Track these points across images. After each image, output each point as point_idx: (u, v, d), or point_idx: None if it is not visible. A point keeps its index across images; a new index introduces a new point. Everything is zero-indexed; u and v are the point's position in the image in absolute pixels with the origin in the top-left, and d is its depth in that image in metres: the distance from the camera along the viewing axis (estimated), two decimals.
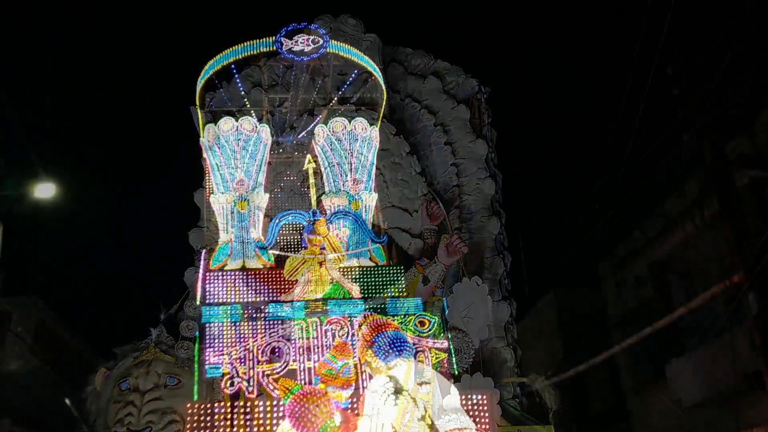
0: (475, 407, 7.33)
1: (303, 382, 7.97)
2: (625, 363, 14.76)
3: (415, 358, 6.29)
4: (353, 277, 10.47)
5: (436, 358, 7.69)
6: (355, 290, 10.14)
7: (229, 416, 7.92)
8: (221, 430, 7.88)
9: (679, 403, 12.37)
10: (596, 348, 11.01)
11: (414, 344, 7.48)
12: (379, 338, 5.50)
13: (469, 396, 7.43)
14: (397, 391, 5.41)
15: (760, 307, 6.83)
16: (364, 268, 10.77)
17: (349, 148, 12.04)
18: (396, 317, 8.81)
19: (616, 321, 15.10)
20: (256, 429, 7.73)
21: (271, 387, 7.77)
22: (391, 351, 5.50)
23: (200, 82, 12.71)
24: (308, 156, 11.49)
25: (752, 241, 7.17)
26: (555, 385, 13.09)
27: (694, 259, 12.19)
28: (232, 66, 12.30)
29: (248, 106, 12.98)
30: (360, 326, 5.73)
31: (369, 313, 5.98)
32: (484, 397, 7.64)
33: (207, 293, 10.28)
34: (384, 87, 12.70)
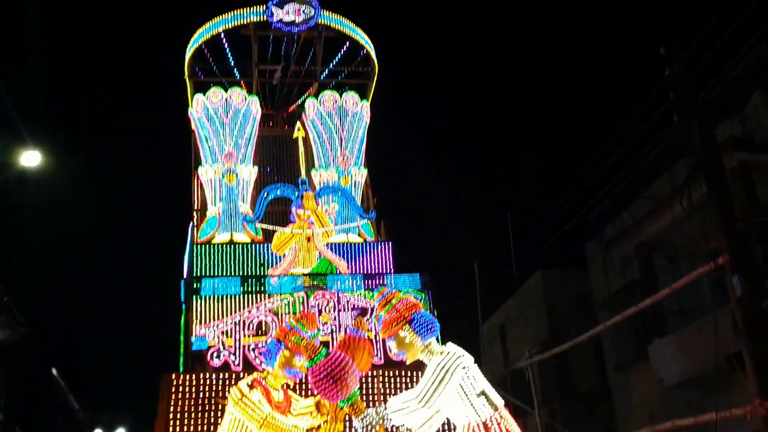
0: None
1: None
2: (609, 343, 14.88)
3: None
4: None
5: None
6: (343, 265, 10.16)
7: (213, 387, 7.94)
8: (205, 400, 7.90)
9: (661, 383, 12.51)
10: (581, 328, 11.07)
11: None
12: (418, 315, 5.58)
13: None
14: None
15: (743, 290, 6.87)
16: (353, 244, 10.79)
17: (339, 123, 11.98)
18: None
19: (602, 301, 15.19)
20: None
21: (260, 360, 7.77)
22: (429, 329, 5.58)
23: (189, 51, 12.55)
24: (297, 124, 11.43)
25: (738, 225, 7.17)
26: (540, 364, 13.25)
27: (681, 242, 12.24)
28: (222, 35, 12.16)
29: (238, 77, 12.86)
30: (387, 302, 5.72)
31: (390, 290, 5.97)
32: None
33: (194, 265, 10.27)
34: (376, 60, 12.60)
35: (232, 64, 13.10)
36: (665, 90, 8.28)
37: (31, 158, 11.75)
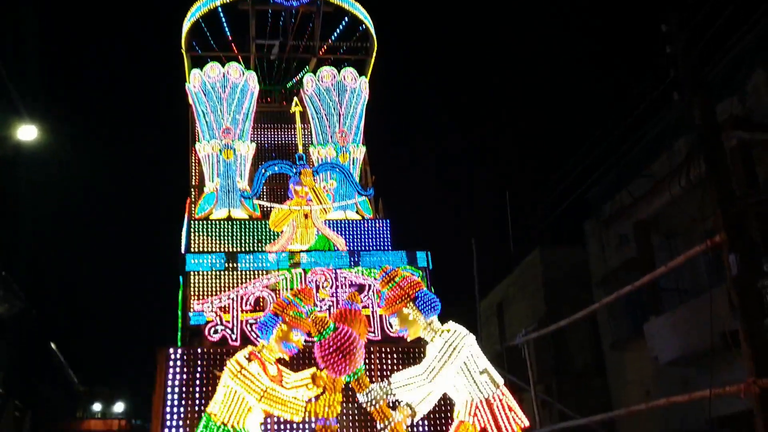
0: None
1: None
2: (606, 321, 14.96)
3: None
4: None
5: None
6: (341, 242, 10.16)
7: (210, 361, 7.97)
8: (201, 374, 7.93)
9: (656, 360, 12.60)
10: (578, 306, 11.11)
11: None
12: (422, 293, 5.68)
13: None
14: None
15: (740, 269, 6.88)
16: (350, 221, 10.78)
17: (337, 99, 11.91)
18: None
19: (599, 280, 15.24)
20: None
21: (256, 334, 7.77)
22: (432, 308, 5.71)
23: (186, 25, 12.43)
24: (295, 99, 11.35)
25: (736, 203, 7.17)
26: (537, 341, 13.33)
27: (679, 220, 12.25)
28: (219, 9, 12.04)
29: (235, 52, 12.76)
30: (391, 279, 5.75)
31: (394, 267, 6.00)
32: None
33: (191, 241, 10.26)
34: (375, 36, 12.49)
35: (230, 38, 13.00)
36: (666, 67, 8.22)
37: (27, 132, 11.71)
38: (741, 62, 11.17)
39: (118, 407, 37.76)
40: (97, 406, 37.23)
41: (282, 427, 7.73)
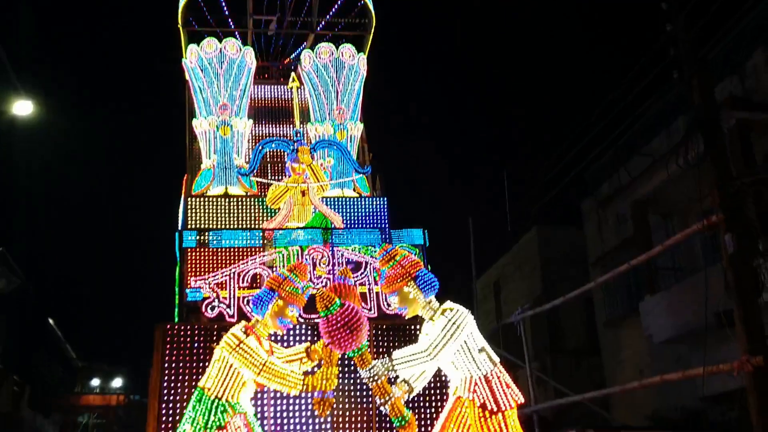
0: None
1: None
2: (601, 300, 15.04)
3: None
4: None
5: None
6: (337, 220, 10.15)
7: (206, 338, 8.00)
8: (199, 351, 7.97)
9: (650, 339, 12.69)
10: (574, 285, 11.16)
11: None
12: (422, 273, 5.76)
13: None
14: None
15: (735, 248, 6.90)
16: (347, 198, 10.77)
17: (335, 76, 11.83)
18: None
19: (596, 259, 15.29)
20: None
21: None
22: (432, 287, 5.79)
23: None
24: (292, 74, 11.27)
25: (734, 183, 7.17)
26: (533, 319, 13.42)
27: (676, 199, 12.26)
28: None
29: (232, 27, 12.66)
30: (391, 257, 5.79)
31: (393, 246, 6.03)
32: None
33: (188, 218, 10.25)
34: (373, 12, 12.39)
35: (227, 13, 12.88)
36: (666, 46, 8.17)
37: (23, 107, 11.64)
38: (741, 42, 11.11)
39: (117, 383, 38.01)
40: (95, 382, 37.47)
41: (278, 402, 7.78)
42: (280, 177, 10.83)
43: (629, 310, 13.78)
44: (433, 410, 7.94)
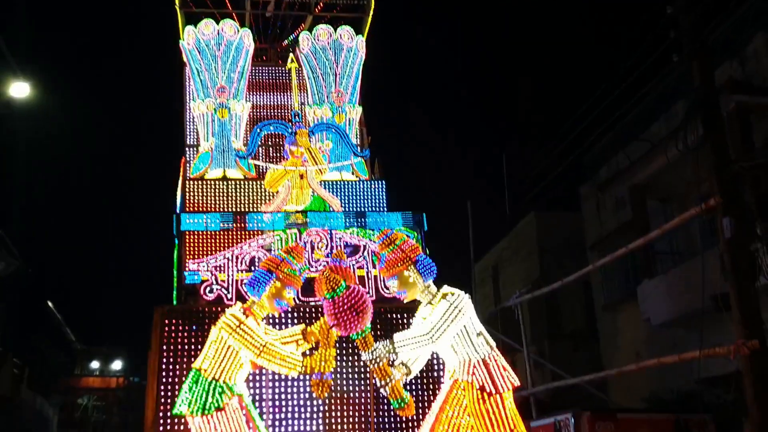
0: None
1: None
2: (599, 284, 15.07)
3: None
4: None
5: None
6: (336, 203, 10.14)
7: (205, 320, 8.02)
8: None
9: (648, 322, 12.74)
10: (572, 270, 11.18)
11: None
12: (422, 257, 5.82)
13: None
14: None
15: (732, 232, 6.90)
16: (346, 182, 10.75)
17: (334, 58, 11.76)
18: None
19: (594, 244, 15.31)
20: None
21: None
22: (431, 271, 5.87)
23: None
24: (291, 55, 11.20)
25: (732, 167, 7.16)
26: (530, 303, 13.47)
27: (675, 184, 12.25)
28: None
29: (230, 9, 12.57)
30: (392, 242, 5.83)
31: (392, 231, 6.08)
32: None
33: (186, 200, 10.24)
34: None
35: None
36: (666, 29, 8.12)
37: (19, 89, 11.58)
38: (742, 25, 11.04)
39: (116, 365, 38.19)
40: (95, 364, 37.65)
41: (276, 384, 7.82)
42: (278, 160, 10.81)
43: (627, 293, 13.81)
44: (430, 393, 7.99)
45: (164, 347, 7.96)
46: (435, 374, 8.06)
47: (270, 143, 11.57)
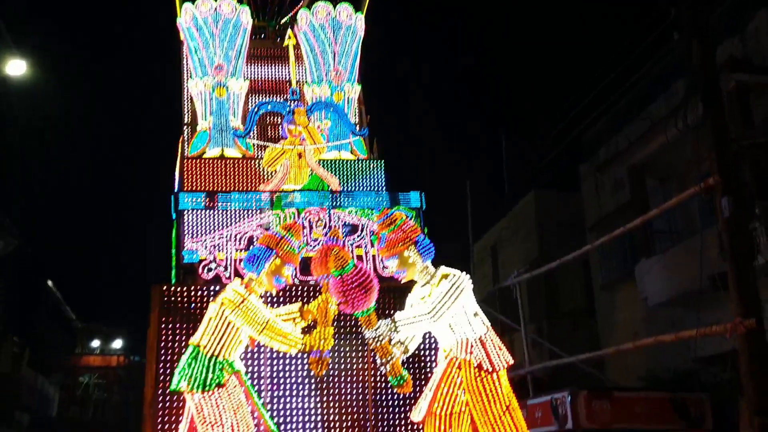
0: None
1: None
2: (597, 263, 15.11)
3: None
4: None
5: None
6: (334, 182, 10.12)
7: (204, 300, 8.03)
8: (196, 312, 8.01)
9: (645, 302, 12.79)
10: (571, 249, 11.20)
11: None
12: (421, 238, 5.86)
13: None
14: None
15: (731, 211, 6.90)
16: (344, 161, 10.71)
17: (332, 36, 11.65)
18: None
19: (593, 224, 15.32)
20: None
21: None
22: (429, 252, 5.92)
23: None
24: (289, 31, 11.10)
25: (732, 146, 7.14)
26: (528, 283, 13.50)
27: (674, 163, 12.24)
28: None
29: None
30: (392, 222, 5.85)
31: (393, 211, 6.10)
32: None
33: (184, 179, 10.20)
34: None
35: None
36: (666, 6, 8.04)
37: (16, 67, 11.50)
38: (743, 4, 10.95)
39: (117, 344, 38.39)
40: (95, 343, 37.84)
41: (275, 362, 7.85)
42: (276, 138, 10.75)
43: (625, 273, 13.85)
44: (427, 370, 8.02)
45: (162, 326, 7.97)
46: (431, 353, 8.09)
47: (268, 122, 11.51)
